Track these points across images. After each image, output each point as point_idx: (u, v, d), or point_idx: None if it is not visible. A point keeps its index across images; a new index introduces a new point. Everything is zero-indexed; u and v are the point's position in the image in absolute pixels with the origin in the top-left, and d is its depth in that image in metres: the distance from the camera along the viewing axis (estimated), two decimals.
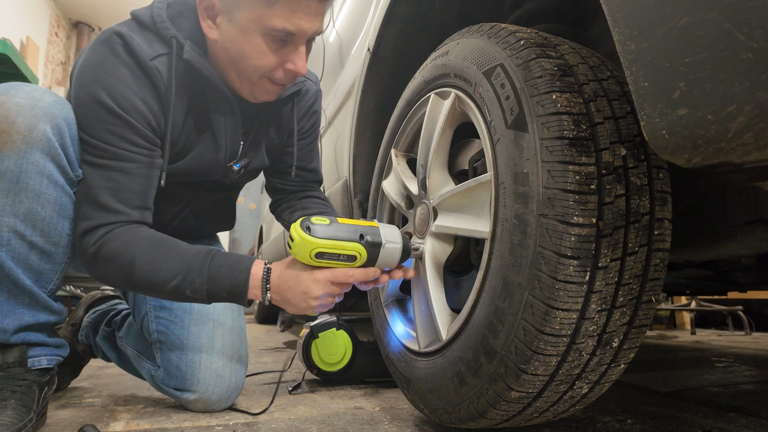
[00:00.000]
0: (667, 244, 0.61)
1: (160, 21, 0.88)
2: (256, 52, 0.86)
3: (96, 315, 1.30)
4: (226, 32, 0.87)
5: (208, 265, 0.84)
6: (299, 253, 0.78)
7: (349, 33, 1.68)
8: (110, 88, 0.83)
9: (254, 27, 0.83)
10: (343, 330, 1.33)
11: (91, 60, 0.85)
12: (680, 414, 1.05)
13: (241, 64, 0.89)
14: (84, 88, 0.84)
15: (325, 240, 0.76)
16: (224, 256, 0.86)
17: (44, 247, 0.84)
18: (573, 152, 0.58)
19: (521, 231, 0.62)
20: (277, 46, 0.86)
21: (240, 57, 0.88)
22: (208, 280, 0.83)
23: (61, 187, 0.84)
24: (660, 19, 0.42)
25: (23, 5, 4.85)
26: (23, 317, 0.84)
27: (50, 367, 0.91)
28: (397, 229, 0.83)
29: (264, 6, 0.81)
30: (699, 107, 0.40)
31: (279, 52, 0.87)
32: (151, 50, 0.87)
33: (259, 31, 0.84)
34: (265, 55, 0.87)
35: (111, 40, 0.85)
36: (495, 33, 0.74)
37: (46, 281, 0.86)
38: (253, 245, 6.37)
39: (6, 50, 2.19)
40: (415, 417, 1.00)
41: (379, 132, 1.38)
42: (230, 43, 0.87)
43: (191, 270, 0.83)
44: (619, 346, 0.63)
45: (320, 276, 0.80)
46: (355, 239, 0.78)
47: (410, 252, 0.84)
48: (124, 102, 0.84)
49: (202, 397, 1.02)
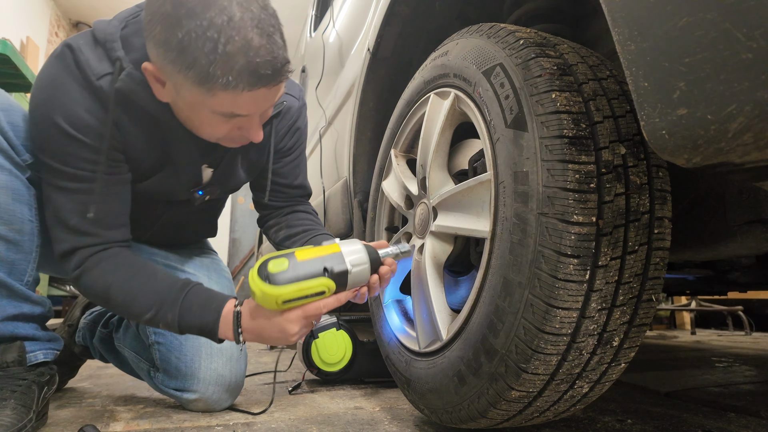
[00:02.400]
0: (667, 243, 0.61)
1: (110, 40, 0.82)
2: (207, 125, 0.81)
3: (93, 316, 1.29)
4: (174, 101, 0.82)
5: (180, 303, 0.82)
6: (265, 305, 0.74)
7: (349, 33, 1.68)
8: (62, 108, 0.80)
9: (200, 108, 0.78)
10: (343, 330, 1.34)
11: (44, 76, 0.82)
12: (680, 414, 1.05)
13: (196, 130, 0.85)
14: (38, 107, 0.81)
15: (288, 285, 0.71)
16: (197, 293, 0.84)
17: (8, 235, 0.82)
18: (573, 151, 0.58)
19: (521, 230, 0.62)
20: (228, 119, 0.80)
21: (192, 126, 0.84)
22: (179, 316, 0.82)
23: (9, 171, 0.82)
24: (660, 19, 0.42)
25: (23, 5, 4.84)
26: (5, 309, 0.84)
27: (48, 361, 0.91)
28: (360, 245, 0.78)
29: (205, 95, 0.74)
30: (699, 107, 0.40)
31: (231, 122, 0.81)
32: (100, 68, 0.82)
33: (206, 111, 0.78)
34: (216, 127, 0.81)
35: (63, 55, 0.82)
36: (494, 33, 0.74)
37: (20, 273, 0.85)
38: (253, 245, 6.37)
39: (6, 50, 2.19)
40: (415, 417, 1.00)
41: (379, 132, 1.38)
42: (180, 112, 0.83)
43: (163, 305, 0.82)
44: (619, 345, 0.63)
45: (292, 316, 0.76)
46: (319, 274, 0.73)
47: (380, 262, 0.80)
48: (78, 122, 0.81)
49: (203, 397, 1.02)
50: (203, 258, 1.25)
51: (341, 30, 1.82)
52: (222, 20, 0.67)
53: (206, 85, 0.71)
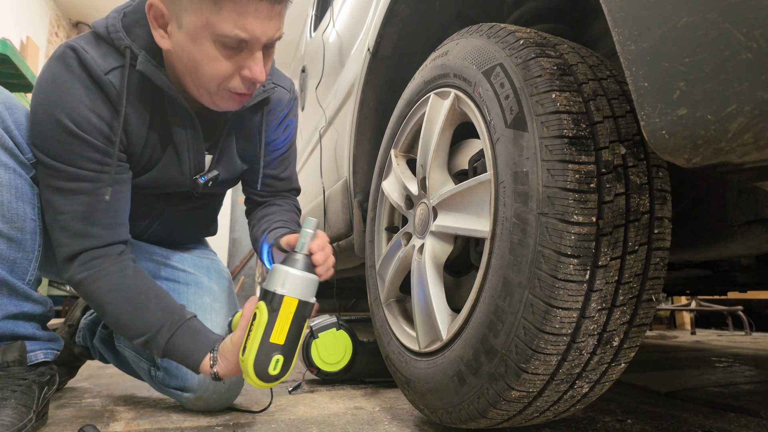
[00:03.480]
0: (667, 243, 0.61)
1: (114, 31, 0.84)
2: (208, 60, 0.80)
3: (93, 317, 1.29)
4: (177, 40, 0.81)
5: (167, 342, 0.87)
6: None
7: (349, 33, 1.68)
8: (65, 106, 0.81)
9: (204, 33, 0.78)
10: (343, 330, 1.33)
11: (45, 77, 0.83)
12: (680, 414, 1.05)
13: (196, 72, 0.83)
14: (41, 106, 0.82)
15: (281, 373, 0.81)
16: (182, 337, 0.88)
17: (9, 233, 0.83)
18: (572, 151, 0.58)
19: (521, 230, 0.62)
20: (230, 53, 0.80)
21: (193, 66, 0.82)
22: (165, 353, 0.88)
23: (13, 170, 0.83)
24: (660, 19, 0.42)
25: (23, 5, 4.85)
26: (6, 307, 0.84)
27: (48, 361, 0.91)
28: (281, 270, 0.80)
29: (211, 10, 0.75)
30: (699, 107, 0.40)
31: (233, 58, 0.81)
32: (106, 64, 0.83)
33: (210, 38, 0.78)
34: (218, 62, 0.81)
35: (65, 55, 0.82)
36: (494, 33, 0.74)
37: (21, 272, 0.85)
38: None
39: (6, 50, 2.19)
40: (415, 417, 1.00)
41: (379, 132, 1.38)
42: (182, 51, 0.82)
43: (152, 338, 0.87)
44: (619, 345, 0.64)
45: None
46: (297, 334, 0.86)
47: (311, 265, 0.83)
48: (81, 120, 0.81)
49: (203, 396, 1.02)
50: (203, 258, 1.25)
51: (341, 30, 1.82)
52: None
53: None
